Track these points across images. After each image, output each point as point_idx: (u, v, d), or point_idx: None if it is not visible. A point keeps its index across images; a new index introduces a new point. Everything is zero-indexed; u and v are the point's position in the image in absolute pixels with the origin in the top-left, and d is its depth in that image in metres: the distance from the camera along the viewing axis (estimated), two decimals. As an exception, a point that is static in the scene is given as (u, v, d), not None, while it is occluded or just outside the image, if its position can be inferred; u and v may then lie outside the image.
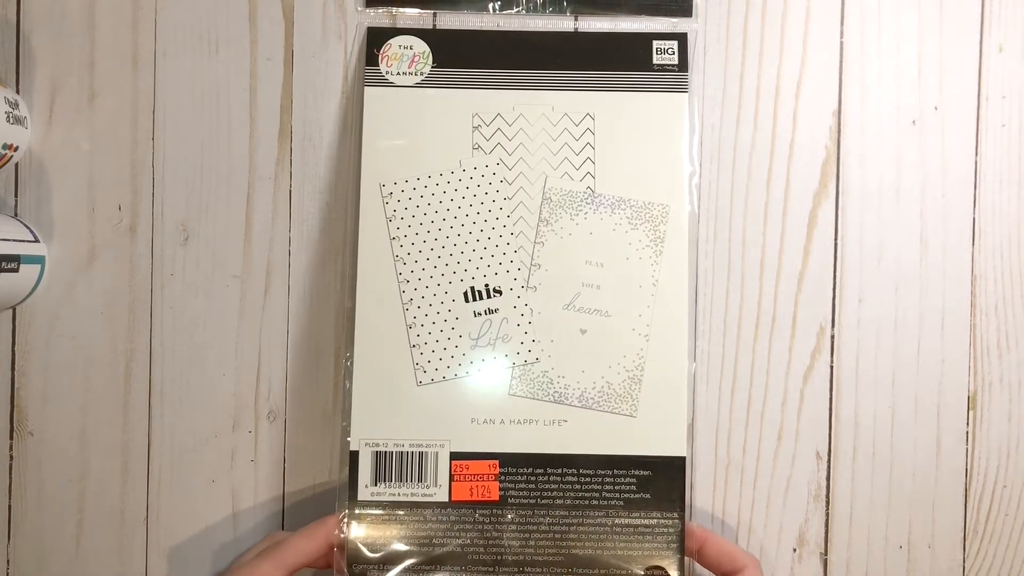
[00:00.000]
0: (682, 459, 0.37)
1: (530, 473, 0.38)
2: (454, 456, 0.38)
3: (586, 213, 0.39)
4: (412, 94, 0.40)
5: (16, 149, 0.37)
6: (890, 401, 0.39)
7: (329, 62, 0.39)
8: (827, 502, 0.38)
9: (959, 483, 0.39)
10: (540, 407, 0.38)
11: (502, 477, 0.38)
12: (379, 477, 0.37)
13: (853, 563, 0.38)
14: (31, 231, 0.38)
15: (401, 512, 0.37)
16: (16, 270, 0.36)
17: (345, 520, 0.36)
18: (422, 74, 0.40)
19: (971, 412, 0.39)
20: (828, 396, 0.38)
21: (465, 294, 0.38)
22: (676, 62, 0.39)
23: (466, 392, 0.38)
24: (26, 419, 0.38)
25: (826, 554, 0.39)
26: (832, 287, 0.38)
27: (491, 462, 0.38)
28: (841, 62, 0.39)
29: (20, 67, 0.38)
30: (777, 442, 0.38)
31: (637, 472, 0.37)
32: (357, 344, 0.37)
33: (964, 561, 0.39)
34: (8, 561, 0.38)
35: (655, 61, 0.40)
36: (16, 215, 0.38)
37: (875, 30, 0.39)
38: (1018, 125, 0.39)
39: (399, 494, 0.37)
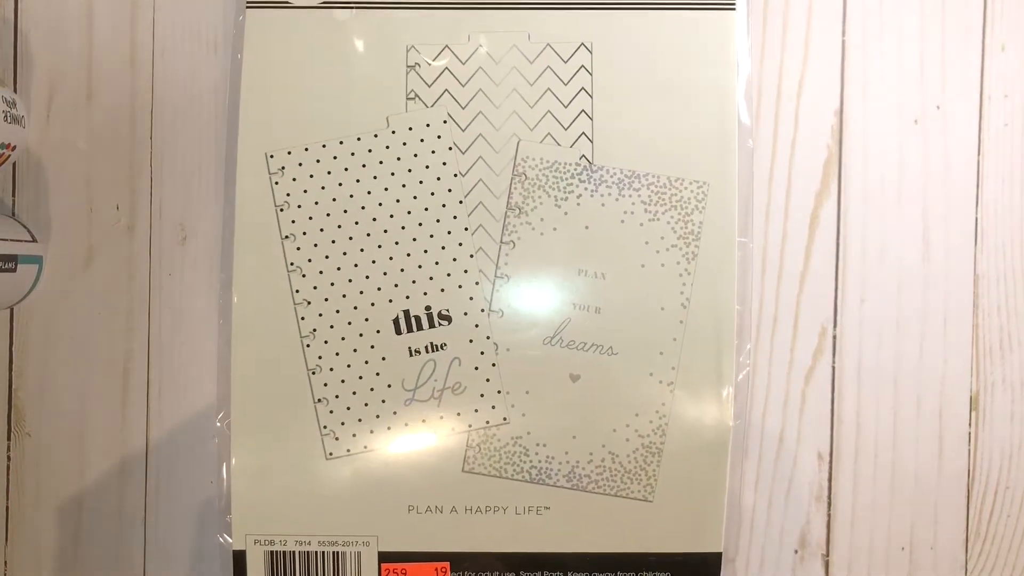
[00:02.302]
0: (717, 556, 0.29)
1: None
2: (384, 557, 0.27)
3: (579, 196, 0.26)
4: (316, 19, 0.27)
5: (14, 148, 0.37)
6: (892, 402, 0.38)
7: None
8: (829, 503, 0.38)
9: (961, 484, 0.38)
10: (510, 489, 0.27)
11: None
12: None
13: (855, 565, 0.38)
14: (28, 230, 0.38)
15: None
16: (13, 270, 0.36)
17: None
18: None
19: (973, 413, 0.39)
20: (830, 397, 0.38)
21: (395, 322, 0.26)
22: None
23: (399, 468, 0.27)
24: (24, 420, 0.38)
25: (828, 556, 0.38)
26: (834, 287, 0.38)
27: (439, 564, 0.27)
28: (843, 61, 0.38)
29: (18, 65, 0.38)
30: (778, 443, 0.38)
31: (651, 575, 0.28)
32: (235, 399, 0.28)
33: (967, 563, 0.39)
34: (6, 563, 0.38)
35: None
36: (13, 214, 0.38)
37: (877, 29, 0.39)
38: (1021, 124, 0.39)
39: None
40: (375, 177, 0.26)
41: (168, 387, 0.38)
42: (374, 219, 0.26)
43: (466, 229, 0.26)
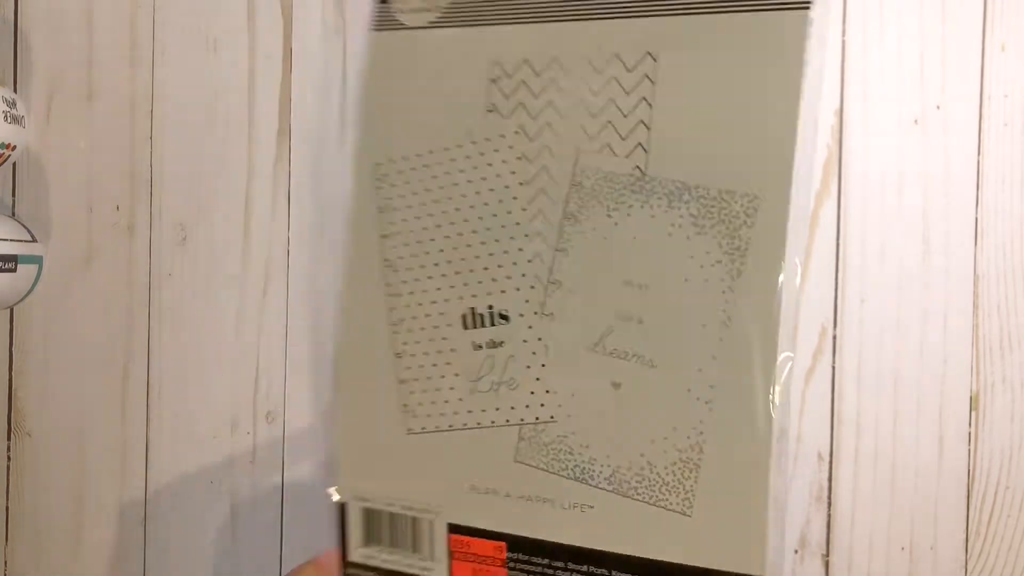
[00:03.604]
0: None
1: (547, 565, 0.28)
2: (452, 529, 0.29)
3: (630, 206, 0.26)
4: (425, 38, 0.29)
5: (14, 148, 0.37)
6: (892, 402, 0.38)
7: (328, 59, 0.39)
8: (829, 503, 0.38)
9: (961, 484, 0.38)
10: (555, 483, 0.28)
11: (511, 564, 0.28)
12: (371, 538, 0.30)
13: (855, 565, 0.38)
14: (28, 231, 0.38)
15: None
16: (14, 270, 0.36)
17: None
18: (439, 8, 0.29)
19: (973, 412, 0.39)
20: (830, 397, 0.38)
21: (464, 318, 0.28)
22: None
23: (463, 450, 0.29)
24: (24, 419, 0.38)
25: (827, 556, 0.38)
26: (834, 287, 0.38)
27: (497, 543, 0.28)
28: (843, 61, 0.38)
29: (18, 66, 0.38)
30: (778, 443, 0.38)
31: None
32: (340, 372, 0.31)
33: (967, 563, 0.39)
34: (6, 563, 0.38)
35: None
36: (14, 215, 0.38)
37: (877, 29, 0.39)
38: (1021, 124, 0.39)
39: (393, 562, 0.30)
40: (455, 184, 0.28)
41: (167, 387, 0.38)
42: (452, 223, 0.28)
43: (526, 235, 0.27)
